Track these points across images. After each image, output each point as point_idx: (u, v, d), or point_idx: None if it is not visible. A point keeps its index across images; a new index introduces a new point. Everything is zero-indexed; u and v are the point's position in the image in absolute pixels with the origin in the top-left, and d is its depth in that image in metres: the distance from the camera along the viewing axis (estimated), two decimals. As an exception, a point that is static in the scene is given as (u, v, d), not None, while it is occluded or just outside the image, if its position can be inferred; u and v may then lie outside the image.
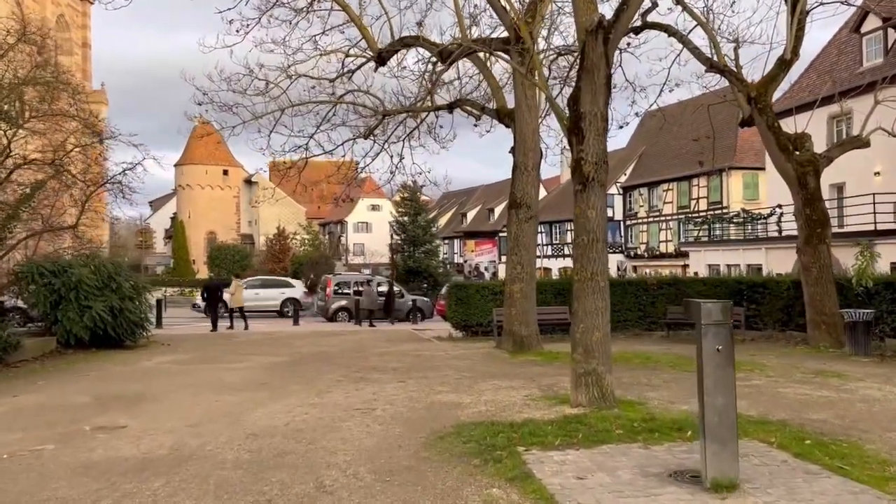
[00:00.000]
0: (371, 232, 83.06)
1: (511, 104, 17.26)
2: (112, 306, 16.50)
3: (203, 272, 67.52)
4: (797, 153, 16.00)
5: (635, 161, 53.05)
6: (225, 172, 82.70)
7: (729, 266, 29.00)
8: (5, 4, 50.49)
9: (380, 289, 29.28)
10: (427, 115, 21.42)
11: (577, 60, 9.44)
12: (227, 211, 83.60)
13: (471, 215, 71.22)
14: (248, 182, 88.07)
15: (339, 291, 29.05)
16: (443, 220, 74.26)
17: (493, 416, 8.33)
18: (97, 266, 16.61)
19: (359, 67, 18.22)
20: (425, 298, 31.08)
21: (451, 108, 20.04)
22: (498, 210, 64.47)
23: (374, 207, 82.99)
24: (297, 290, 32.87)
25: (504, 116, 17.39)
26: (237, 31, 17.71)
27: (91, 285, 16.23)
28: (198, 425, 8.36)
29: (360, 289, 28.97)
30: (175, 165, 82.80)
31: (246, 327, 23.91)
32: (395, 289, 29.45)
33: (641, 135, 55.33)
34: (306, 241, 65.92)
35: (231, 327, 23.75)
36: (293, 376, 12.46)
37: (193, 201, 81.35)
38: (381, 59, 17.33)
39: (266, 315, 31.29)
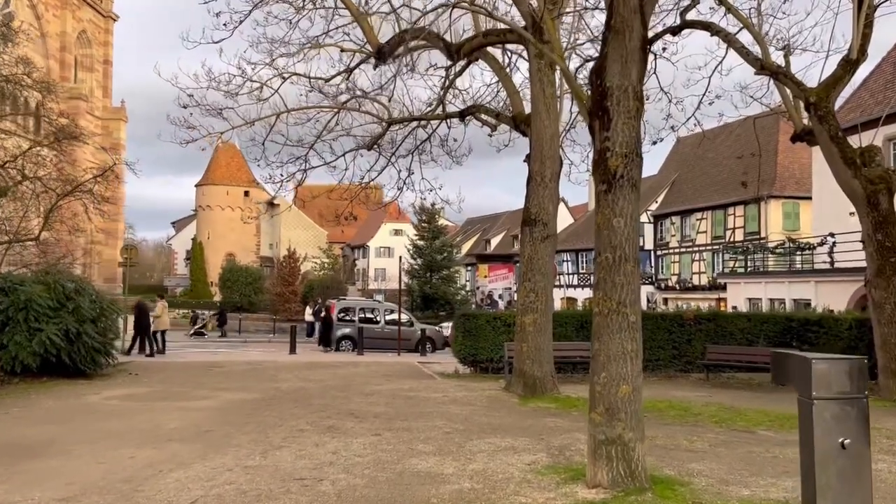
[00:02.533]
0: (392, 257, 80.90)
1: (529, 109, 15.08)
2: (68, 329, 14.43)
3: (220, 295, 65.88)
4: (866, 168, 13.51)
5: (667, 188, 50.58)
6: (246, 193, 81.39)
7: (772, 300, 26.24)
8: (24, 16, 49.94)
9: (387, 316, 27.04)
10: (438, 126, 19.33)
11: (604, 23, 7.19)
12: (246, 233, 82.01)
13: (495, 241, 68.82)
14: (271, 204, 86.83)
15: (344, 318, 26.83)
16: (466, 246, 72.08)
17: (477, 501, 5.98)
18: (52, 283, 14.58)
19: (357, 65, 16.17)
20: (437, 328, 28.72)
21: (463, 116, 17.91)
22: (522, 237, 62.06)
23: (397, 232, 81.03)
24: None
25: (521, 123, 15.17)
26: (224, 24, 15.82)
27: (43, 305, 14.20)
28: (72, 499, 6.12)
29: (366, 315, 26.78)
30: (196, 186, 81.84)
31: (161, 352, 21.81)
32: (404, 317, 27.14)
33: (674, 161, 52.92)
34: (325, 265, 64.07)
35: (151, 354, 21.23)
36: (249, 422, 10.19)
37: (213, 222, 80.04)
38: (380, 54, 15.24)
39: (262, 341, 29.16)
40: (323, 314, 27.69)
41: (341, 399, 12.78)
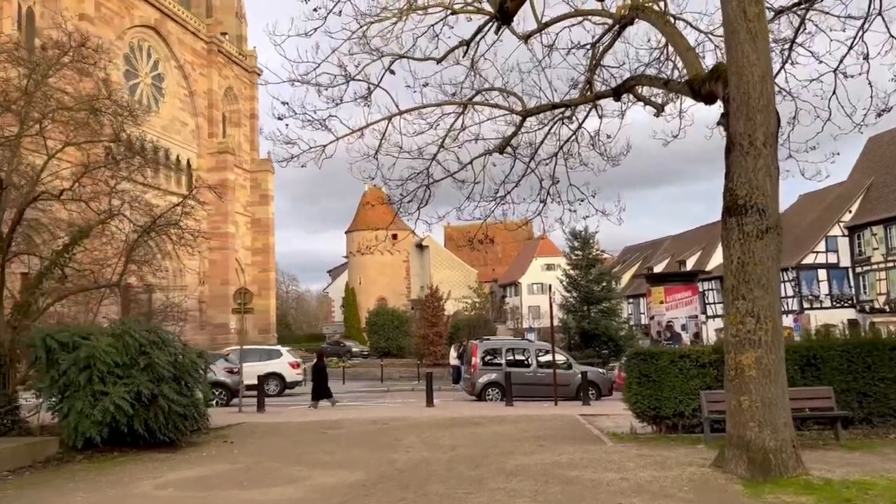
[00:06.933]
0: (546, 293, 76.57)
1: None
2: (140, 392, 11.66)
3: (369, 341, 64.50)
4: None
5: (862, 195, 43.13)
6: (394, 237, 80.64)
7: None
8: (172, 79, 51.71)
9: (540, 357, 22.85)
10: (586, 118, 15.31)
11: None
12: (397, 276, 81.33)
13: (658, 270, 62.69)
14: (419, 246, 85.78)
15: (490, 362, 22.95)
16: (625, 277, 66.28)
17: None
18: (122, 334, 11.93)
19: (476, 33, 12.57)
20: (600, 370, 24.11)
21: (618, 93, 13.76)
22: (691, 262, 55.60)
23: (549, 267, 76.69)
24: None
25: (701, 86, 10.80)
26: (315, 10, 12.83)
27: (109, 362, 11.53)
28: None
29: (515, 357, 22.79)
30: (346, 232, 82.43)
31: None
32: (560, 358, 22.81)
33: (867, 164, 45.34)
34: (475, 304, 60.87)
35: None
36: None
37: (364, 268, 79.91)
38: (504, 13, 11.58)
39: (405, 389, 25.86)
40: (459, 356, 24.01)
41: (470, 483, 8.87)
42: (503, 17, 11.62)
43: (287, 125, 13.91)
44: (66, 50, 13.98)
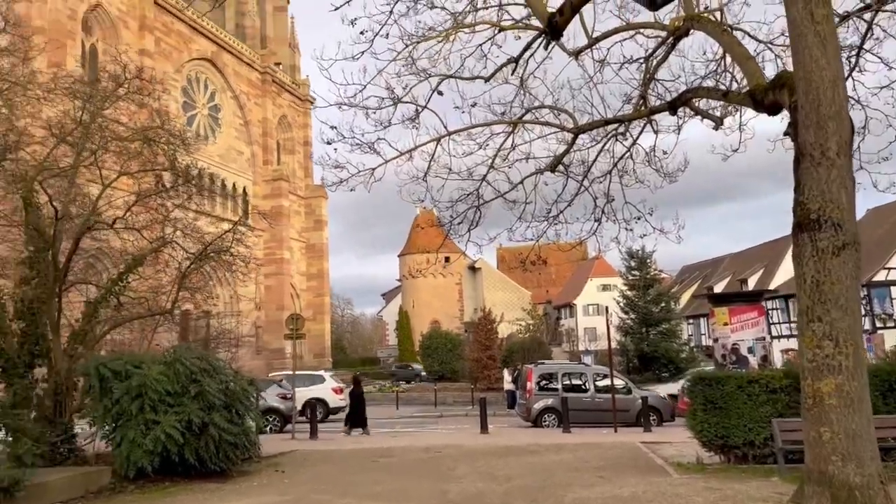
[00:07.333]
0: (603, 315, 75.12)
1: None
2: (191, 420, 11.57)
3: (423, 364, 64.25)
4: None
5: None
6: (446, 260, 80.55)
7: None
8: (228, 109, 52.91)
9: (597, 382, 22.14)
10: (640, 134, 14.79)
11: None
12: (449, 299, 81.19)
13: (718, 289, 60.78)
14: (472, 269, 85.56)
15: (546, 386, 22.34)
16: (684, 297, 64.57)
17: None
18: (173, 362, 11.88)
19: (524, 52, 12.26)
20: (661, 395, 23.23)
21: (674, 106, 13.17)
22: (753, 280, 53.77)
23: (605, 287, 75.49)
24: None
25: (764, 95, 10.23)
26: (361, 33, 12.73)
27: (160, 391, 11.49)
28: None
29: (572, 382, 22.15)
30: (399, 256, 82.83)
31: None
32: (619, 382, 22.05)
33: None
34: (529, 326, 60.07)
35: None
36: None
37: (417, 291, 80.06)
38: (553, 28, 11.24)
39: (458, 414, 25.36)
40: (514, 380, 23.44)
41: (527, 519, 8.41)
42: (552, 32, 11.25)
43: (336, 149, 13.69)
44: (121, 82, 14.23)
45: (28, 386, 12.97)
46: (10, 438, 11.41)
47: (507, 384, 29.78)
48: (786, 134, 9.24)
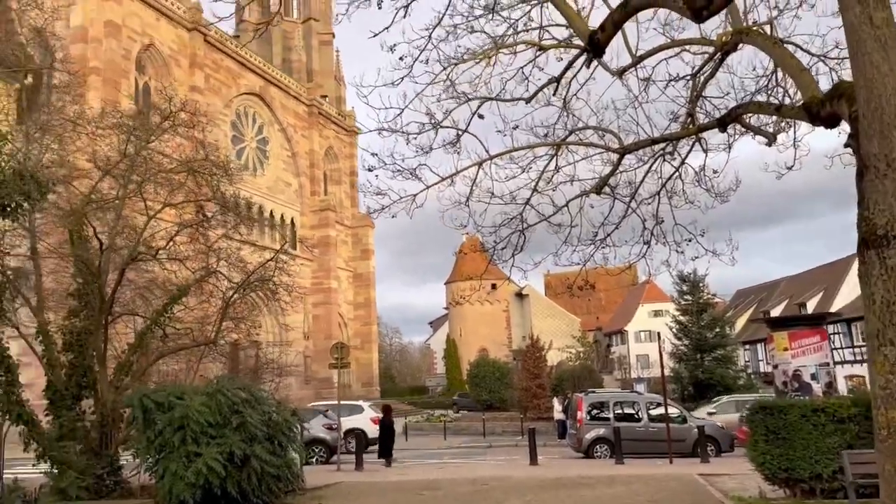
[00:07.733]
0: (655, 341, 73.41)
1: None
2: (233, 452, 11.41)
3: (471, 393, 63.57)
4: None
5: None
6: (493, 286, 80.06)
7: None
8: (276, 141, 53.85)
9: (651, 410, 21.38)
10: (688, 153, 14.31)
11: None
12: (497, 326, 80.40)
13: (775, 314, 58.83)
14: (519, 295, 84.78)
15: (597, 416, 21.66)
16: (740, 322, 62.68)
17: None
18: (214, 393, 11.78)
19: (567, 69, 11.99)
20: (719, 424, 22.28)
21: (723, 123, 12.64)
22: (812, 304, 51.87)
23: (657, 313, 73.79)
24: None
25: (820, 108, 9.72)
26: (401, 58, 12.65)
27: (202, 422, 11.38)
28: None
29: (624, 411, 21.42)
30: (445, 284, 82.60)
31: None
32: (674, 411, 21.24)
33: None
34: (579, 354, 59.00)
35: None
36: None
37: (464, 319, 79.59)
38: (595, 45, 10.95)
39: (507, 445, 24.72)
40: (564, 410, 22.78)
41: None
42: (594, 49, 10.93)
43: (377, 176, 13.60)
44: (166, 115, 14.44)
45: (75, 418, 13.06)
46: (56, 471, 11.41)
47: (557, 413, 29.04)
48: (846, 146, 8.69)
